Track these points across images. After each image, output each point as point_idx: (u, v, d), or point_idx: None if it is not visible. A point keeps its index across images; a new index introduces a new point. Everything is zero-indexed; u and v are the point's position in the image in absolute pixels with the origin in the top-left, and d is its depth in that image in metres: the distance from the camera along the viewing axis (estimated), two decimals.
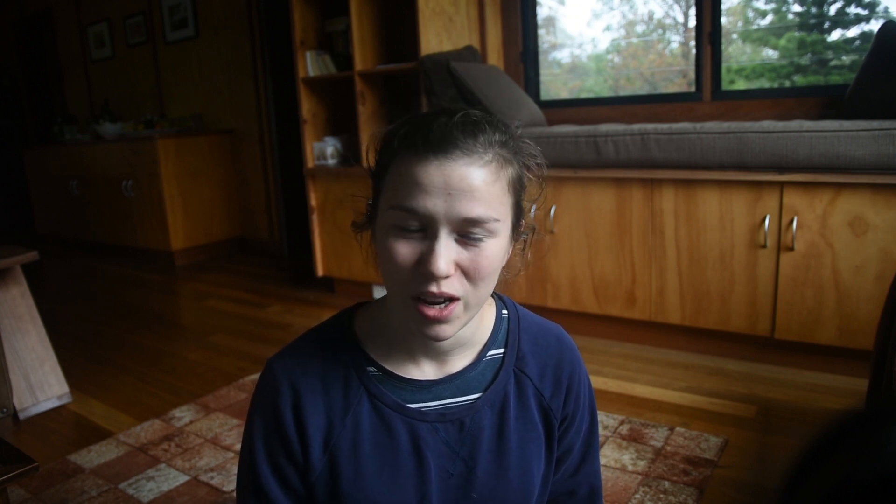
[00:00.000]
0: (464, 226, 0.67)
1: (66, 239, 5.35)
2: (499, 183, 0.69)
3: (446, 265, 0.66)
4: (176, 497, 1.62)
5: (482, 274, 0.69)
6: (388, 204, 0.70)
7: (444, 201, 0.66)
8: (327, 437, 0.76)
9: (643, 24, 3.10)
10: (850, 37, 2.61)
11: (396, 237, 0.68)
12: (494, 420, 0.79)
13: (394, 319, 0.78)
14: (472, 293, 0.70)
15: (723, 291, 2.22)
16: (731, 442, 1.74)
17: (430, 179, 0.66)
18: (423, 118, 0.70)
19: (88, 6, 5.33)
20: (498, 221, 0.69)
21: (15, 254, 2.03)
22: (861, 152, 1.94)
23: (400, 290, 0.70)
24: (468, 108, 0.71)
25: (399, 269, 0.68)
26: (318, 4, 3.28)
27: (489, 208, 0.67)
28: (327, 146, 3.24)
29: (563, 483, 0.89)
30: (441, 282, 0.67)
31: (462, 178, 0.66)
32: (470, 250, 0.68)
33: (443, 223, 0.67)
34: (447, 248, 0.67)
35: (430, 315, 0.68)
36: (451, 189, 0.66)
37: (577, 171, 2.42)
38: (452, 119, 0.68)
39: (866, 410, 0.36)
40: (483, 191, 0.67)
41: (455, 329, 0.71)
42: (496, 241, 0.70)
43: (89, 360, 2.61)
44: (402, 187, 0.68)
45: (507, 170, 0.70)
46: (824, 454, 0.35)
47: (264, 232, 4.52)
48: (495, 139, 0.69)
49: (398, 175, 0.69)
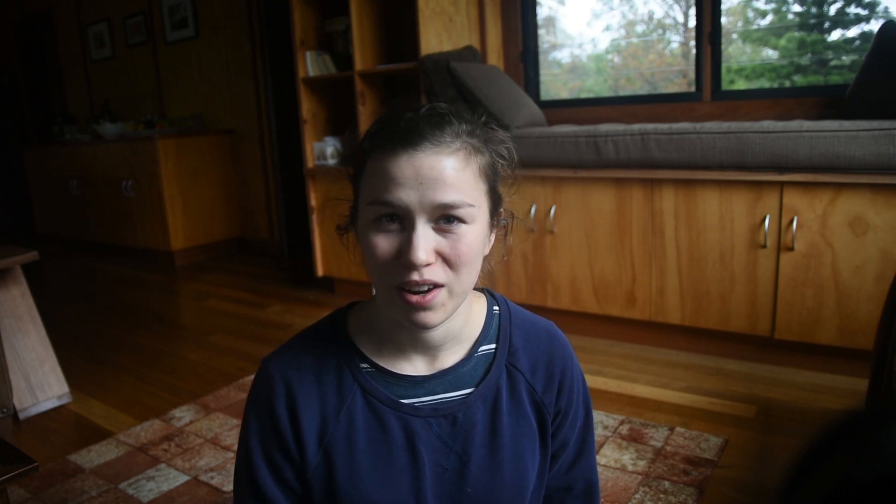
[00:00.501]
0: (439, 212, 0.69)
1: (66, 239, 5.35)
2: (469, 169, 0.71)
3: (425, 253, 0.68)
4: (176, 497, 1.62)
5: (463, 260, 0.71)
6: (365, 201, 0.72)
7: (417, 191, 0.68)
8: (322, 433, 0.77)
9: (643, 24, 3.10)
10: (850, 37, 2.62)
11: (376, 232, 0.71)
12: (487, 415, 0.80)
13: (383, 316, 0.80)
14: (455, 280, 0.71)
15: (723, 291, 2.22)
16: (731, 442, 1.74)
17: (401, 172, 0.69)
18: (390, 116, 0.73)
19: (88, 6, 5.33)
20: (473, 207, 0.71)
21: (15, 254, 2.03)
22: (861, 152, 1.94)
23: (384, 282, 0.72)
24: (434, 104, 0.74)
25: (381, 262, 0.71)
26: (318, 4, 3.28)
27: (461, 193, 0.70)
28: (327, 146, 3.24)
29: (560, 479, 0.90)
30: (422, 270, 0.69)
31: (432, 167, 0.69)
32: (448, 238, 0.70)
33: (418, 212, 0.69)
34: (425, 237, 0.69)
35: (413, 301, 0.70)
36: (422, 178, 0.68)
37: (577, 171, 2.42)
38: (419, 113, 0.72)
39: (866, 410, 0.36)
40: (454, 177, 0.69)
41: (441, 317, 0.72)
42: (474, 228, 0.72)
43: (89, 360, 2.61)
44: (376, 183, 0.71)
45: (476, 157, 0.73)
46: (824, 454, 0.35)
47: (264, 232, 4.52)
48: (462, 129, 0.72)
49: (372, 172, 0.72)
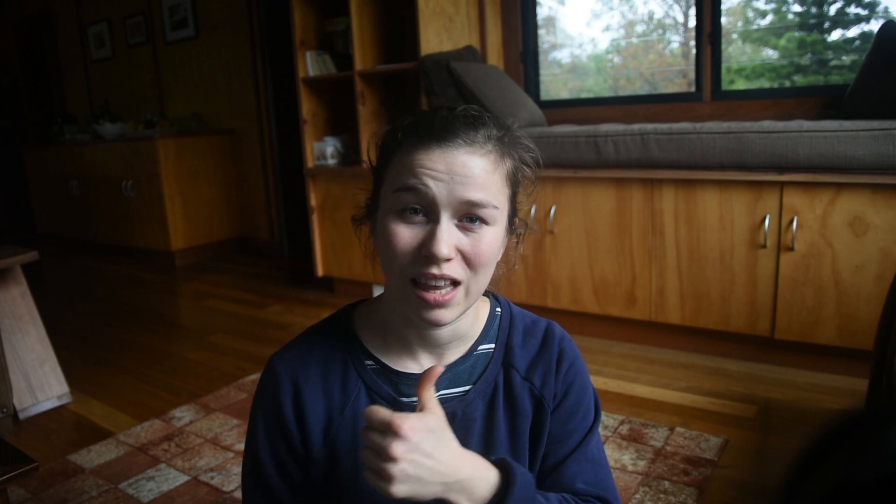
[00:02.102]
0: (465, 209, 0.70)
1: (66, 239, 5.35)
2: (498, 172, 0.73)
3: (447, 247, 0.69)
4: (176, 497, 1.62)
5: (482, 259, 0.71)
6: (391, 188, 0.72)
7: (447, 185, 0.69)
8: (327, 429, 0.78)
9: (643, 24, 3.10)
10: (850, 37, 2.61)
11: (398, 221, 0.71)
12: (485, 411, 0.81)
13: (392, 313, 0.80)
14: (473, 279, 0.72)
15: (723, 291, 2.22)
16: (731, 442, 1.74)
17: (433, 164, 0.70)
18: (425, 113, 0.74)
19: (88, 6, 5.33)
20: (497, 209, 0.72)
21: (15, 254, 2.03)
22: (861, 152, 1.94)
23: (400, 274, 0.72)
24: (468, 106, 0.75)
25: (400, 252, 0.71)
26: (318, 4, 3.28)
27: (489, 194, 0.71)
28: (327, 146, 3.24)
29: (560, 476, 0.89)
30: (442, 265, 0.69)
31: (464, 165, 0.70)
32: (470, 236, 0.71)
33: (444, 207, 0.70)
34: (448, 231, 0.70)
35: (430, 299, 0.70)
36: (453, 174, 0.69)
37: (577, 171, 2.42)
38: (454, 112, 0.73)
39: (866, 410, 0.36)
40: (483, 178, 0.70)
41: (454, 315, 0.73)
42: (494, 229, 0.73)
43: (89, 360, 2.61)
44: (405, 172, 0.71)
45: (505, 162, 0.74)
46: (824, 454, 0.35)
47: (264, 232, 4.52)
48: (494, 133, 0.73)
49: (402, 163, 0.72)
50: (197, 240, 4.43)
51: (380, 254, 0.76)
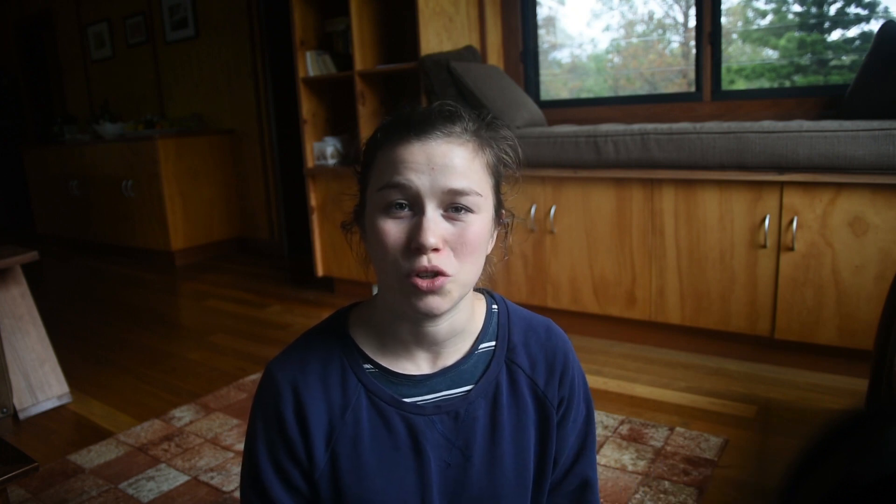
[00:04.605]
0: (449, 198, 0.71)
1: (66, 239, 5.34)
2: (477, 161, 0.75)
3: (435, 237, 0.70)
4: (176, 497, 1.62)
5: (469, 248, 0.72)
6: (376, 187, 0.74)
7: (429, 176, 0.71)
8: (329, 435, 0.78)
9: (643, 24, 3.10)
10: (850, 37, 2.62)
11: (385, 218, 0.72)
12: (488, 410, 0.81)
13: (388, 314, 0.80)
14: (462, 269, 0.73)
15: (723, 291, 2.22)
16: (731, 442, 1.74)
17: (413, 157, 0.71)
18: (403, 112, 0.76)
19: (88, 6, 5.33)
20: (480, 196, 0.73)
21: (15, 254, 2.03)
22: (861, 152, 1.94)
23: (393, 272, 0.72)
24: (444, 101, 0.78)
25: (390, 249, 0.72)
26: (318, 4, 3.28)
27: (471, 182, 0.72)
28: (327, 146, 3.24)
29: (560, 475, 0.90)
30: (431, 255, 0.70)
31: (444, 155, 0.72)
32: (456, 225, 0.72)
33: (428, 197, 0.71)
34: (435, 221, 0.71)
35: (423, 286, 0.70)
36: (433, 164, 0.71)
37: (577, 171, 2.42)
38: (431, 108, 0.76)
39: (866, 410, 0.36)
40: (464, 166, 0.72)
41: (448, 304, 0.73)
42: (480, 218, 0.74)
43: (89, 360, 2.61)
44: (388, 168, 0.73)
45: (484, 152, 0.76)
46: (824, 454, 0.35)
47: (264, 232, 4.52)
48: (471, 126, 0.76)
49: (384, 161, 0.74)
50: (197, 240, 4.43)
51: (372, 255, 0.76)
